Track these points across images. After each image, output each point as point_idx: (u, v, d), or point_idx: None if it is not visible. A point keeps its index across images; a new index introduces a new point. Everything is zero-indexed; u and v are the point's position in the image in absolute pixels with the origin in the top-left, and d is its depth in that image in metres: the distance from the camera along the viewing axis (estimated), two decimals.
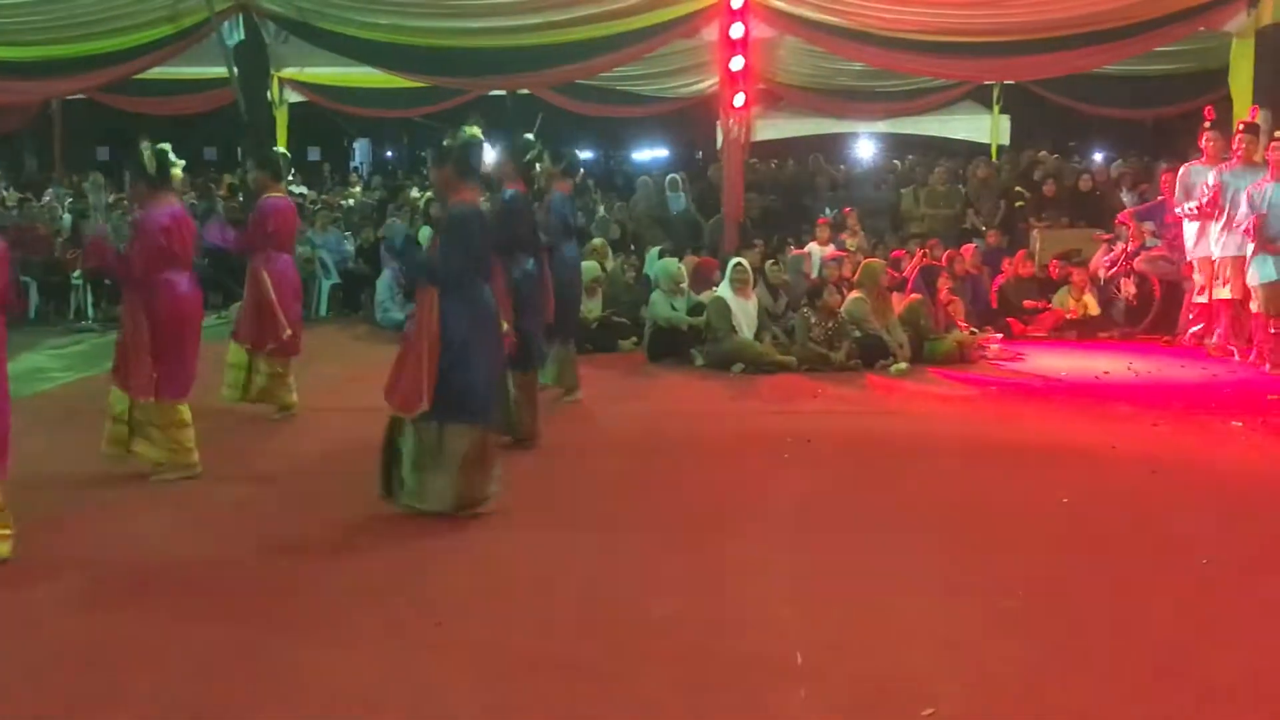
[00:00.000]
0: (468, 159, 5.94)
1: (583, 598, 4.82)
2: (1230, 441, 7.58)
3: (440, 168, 5.98)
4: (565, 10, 12.98)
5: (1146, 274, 12.02)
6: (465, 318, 5.78)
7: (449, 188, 5.97)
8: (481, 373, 5.84)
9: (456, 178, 5.92)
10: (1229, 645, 4.27)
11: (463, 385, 5.76)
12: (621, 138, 28.69)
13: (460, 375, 5.75)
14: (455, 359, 5.74)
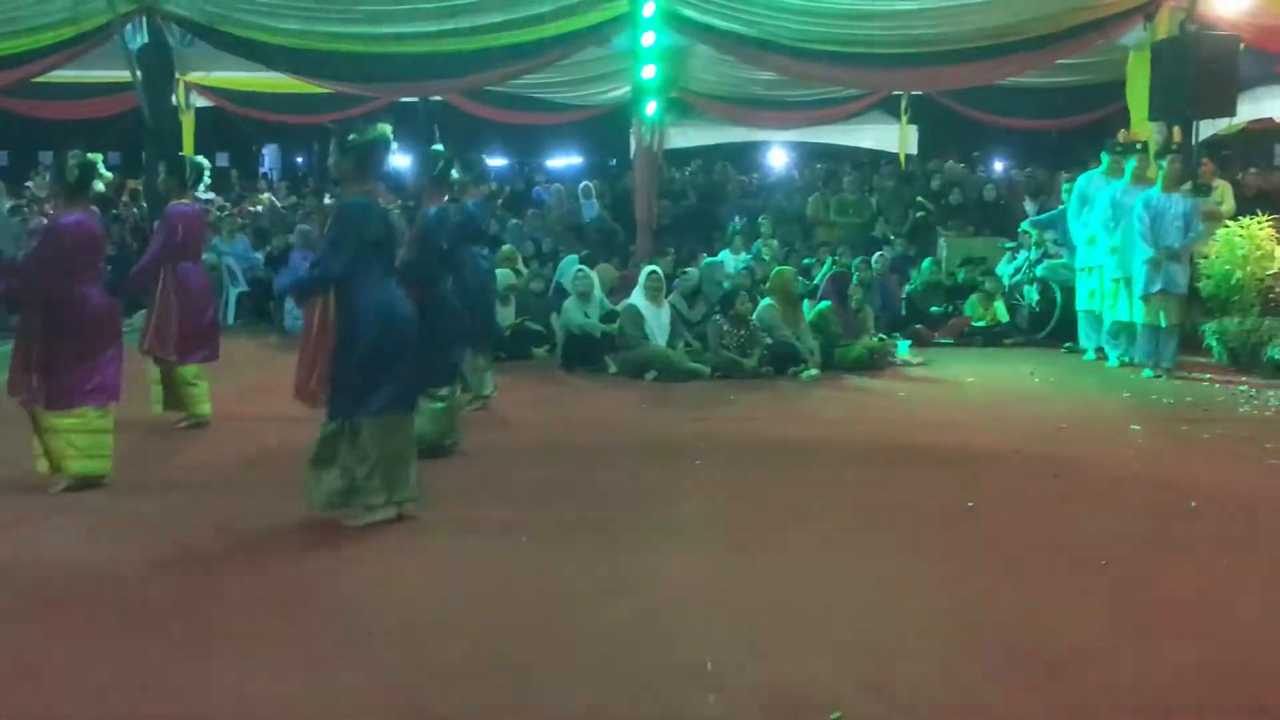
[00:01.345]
0: (370, 156, 5.87)
1: (497, 606, 4.80)
2: (1130, 445, 7.78)
3: (342, 162, 5.91)
4: (477, 17, 12.94)
5: (1048, 282, 12.29)
6: (371, 311, 5.72)
7: (348, 181, 5.92)
8: (392, 366, 5.78)
9: (356, 172, 5.85)
10: (1127, 644, 4.38)
11: (373, 380, 5.71)
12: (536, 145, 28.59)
13: (371, 370, 5.70)
14: (362, 353, 5.68)
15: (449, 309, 7.42)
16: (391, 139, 5.99)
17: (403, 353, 5.89)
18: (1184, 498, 6.30)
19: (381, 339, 5.75)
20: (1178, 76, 11.39)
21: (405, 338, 5.91)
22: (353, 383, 5.70)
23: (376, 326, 5.74)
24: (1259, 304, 10.65)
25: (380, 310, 5.78)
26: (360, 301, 5.71)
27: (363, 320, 5.71)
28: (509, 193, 18.00)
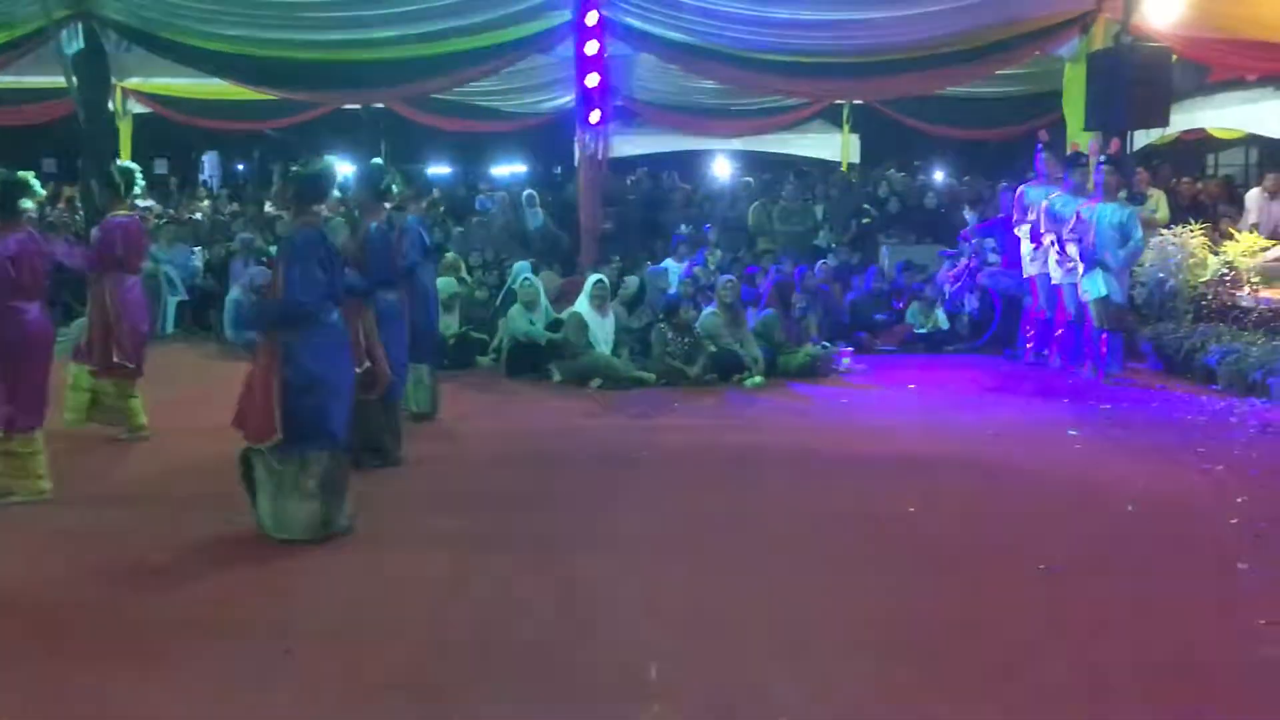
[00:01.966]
0: (312, 186, 5.87)
1: (436, 618, 4.78)
2: (1066, 449, 7.89)
3: (285, 190, 5.92)
4: (420, 24, 12.88)
5: (988, 289, 12.44)
6: (314, 344, 5.71)
7: (291, 209, 5.94)
8: (333, 398, 5.78)
9: (298, 202, 5.87)
10: (1064, 647, 4.45)
11: (315, 412, 5.70)
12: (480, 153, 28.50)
13: (311, 402, 5.68)
14: (306, 386, 5.67)
15: (391, 324, 7.40)
16: (335, 171, 6.00)
17: (346, 382, 5.91)
18: (1120, 501, 6.40)
19: (328, 374, 5.75)
20: (1112, 87, 11.57)
21: (348, 367, 5.94)
22: (304, 416, 5.67)
23: (324, 360, 5.74)
24: (1192, 311, 10.85)
25: (327, 344, 5.78)
26: (307, 335, 5.69)
27: (311, 355, 5.70)
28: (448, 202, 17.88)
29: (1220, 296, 10.71)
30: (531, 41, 13.17)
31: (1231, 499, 6.40)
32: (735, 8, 12.23)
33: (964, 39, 12.61)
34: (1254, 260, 10.93)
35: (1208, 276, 10.90)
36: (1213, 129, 18.11)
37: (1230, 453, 7.51)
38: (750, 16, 12.26)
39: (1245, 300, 10.43)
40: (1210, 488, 6.71)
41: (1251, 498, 6.41)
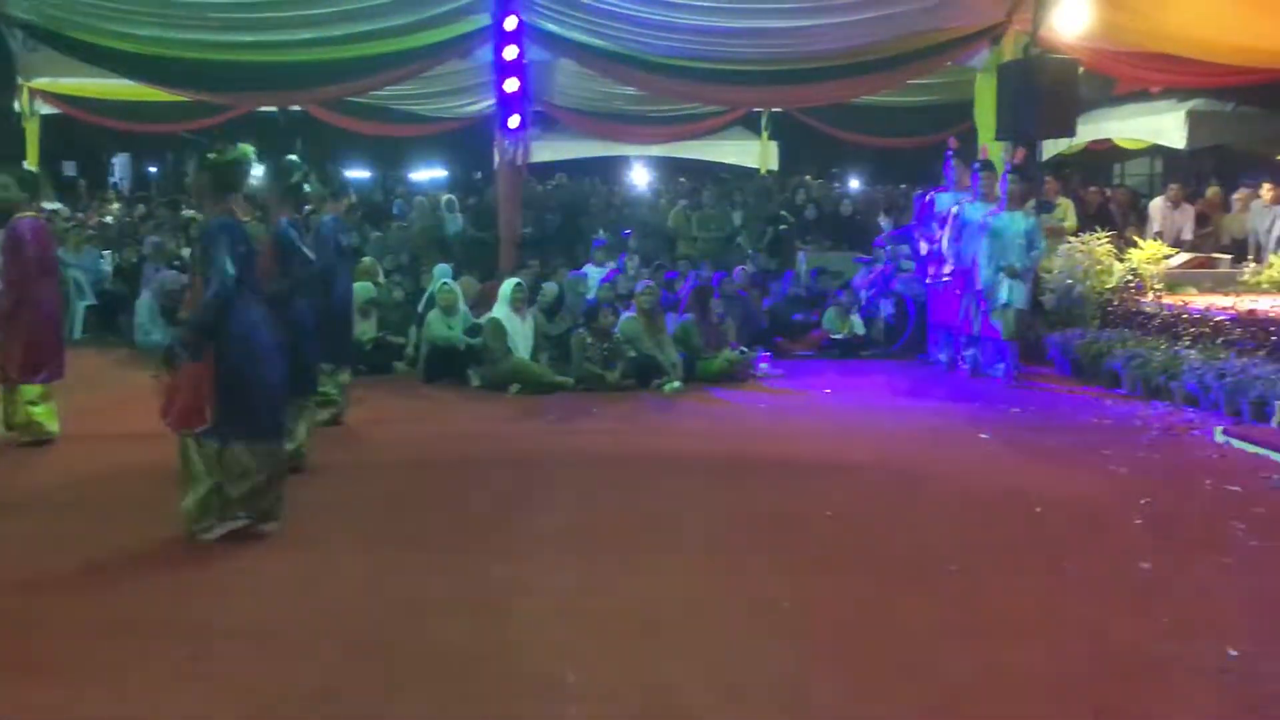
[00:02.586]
0: (228, 175, 5.79)
1: (349, 623, 4.74)
2: (978, 452, 8.05)
3: (199, 179, 5.82)
4: (336, 27, 12.77)
5: (902, 295, 12.63)
6: (240, 332, 5.63)
7: (206, 199, 5.84)
8: (261, 387, 5.71)
9: (213, 191, 5.78)
10: (975, 646, 4.53)
11: (244, 402, 5.63)
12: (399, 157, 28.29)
13: (241, 392, 5.61)
14: (232, 375, 5.59)
15: (304, 324, 7.30)
16: (252, 158, 5.91)
17: (276, 373, 5.84)
18: (1030, 503, 6.53)
19: (255, 360, 5.69)
20: (1022, 98, 11.82)
21: (276, 357, 5.87)
22: (232, 405, 5.60)
23: (250, 348, 5.67)
24: (1099, 316, 11.12)
25: (252, 331, 5.72)
26: (231, 323, 5.62)
27: (235, 342, 5.63)
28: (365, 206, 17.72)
29: (1125, 302, 10.99)
30: (449, 46, 13.12)
31: (1136, 500, 6.57)
32: (654, 14, 12.29)
33: (878, 49, 12.80)
34: (1158, 268, 11.24)
35: (1113, 283, 11.19)
36: (1119, 139, 18.58)
37: (1134, 455, 7.71)
38: (669, 23, 12.34)
39: (1149, 306, 10.72)
40: (1116, 489, 6.88)
41: (1155, 499, 6.59)
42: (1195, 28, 11.65)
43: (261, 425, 5.74)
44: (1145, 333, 10.48)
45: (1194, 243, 13.56)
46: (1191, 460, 7.57)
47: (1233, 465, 7.39)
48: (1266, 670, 4.24)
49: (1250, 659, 4.33)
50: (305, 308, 7.34)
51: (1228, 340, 9.44)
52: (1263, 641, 4.49)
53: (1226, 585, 5.20)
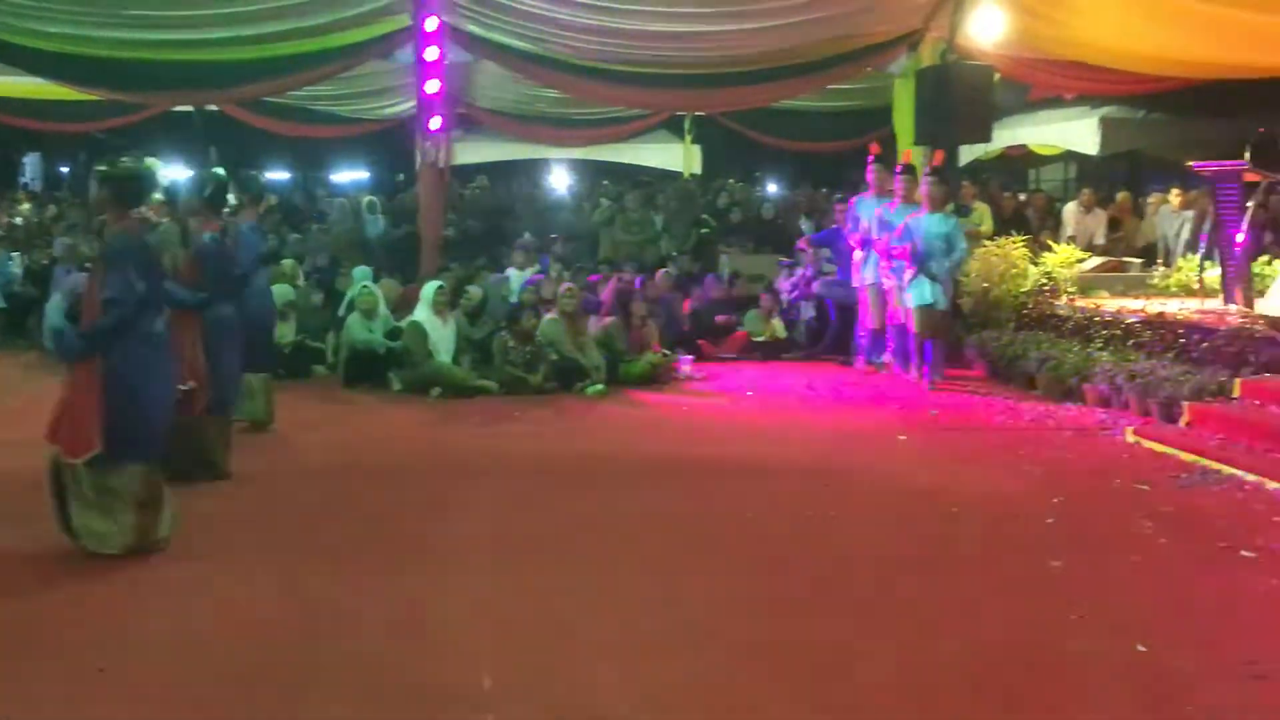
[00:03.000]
0: (128, 188, 5.69)
1: (265, 634, 4.66)
2: (897, 453, 8.15)
3: (100, 192, 5.70)
4: (254, 26, 12.57)
5: (823, 298, 12.74)
6: (134, 354, 5.52)
7: (107, 213, 5.74)
8: (152, 410, 5.62)
9: (114, 204, 5.68)
10: (892, 645, 4.58)
11: (133, 424, 5.52)
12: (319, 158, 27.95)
13: (130, 413, 5.50)
14: (125, 397, 5.48)
15: (227, 337, 7.22)
16: (156, 171, 5.81)
17: (165, 397, 5.73)
18: (946, 503, 6.63)
19: (146, 384, 5.58)
20: (939, 103, 12.01)
21: (169, 379, 5.77)
22: (124, 428, 5.49)
23: (142, 370, 5.56)
24: (1014, 319, 11.31)
25: (149, 353, 5.60)
26: (128, 344, 5.50)
27: (129, 363, 5.51)
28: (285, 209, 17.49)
29: (1040, 306, 11.20)
30: (369, 47, 12.98)
31: (1049, 499, 6.69)
32: (577, 17, 12.27)
33: (798, 54, 12.91)
34: (1071, 271, 11.47)
35: (1028, 286, 11.39)
36: (1034, 145, 18.91)
37: (1048, 455, 7.85)
38: (592, 26, 12.33)
39: (1063, 309, 10.93)
40: (1029, 489, 7.00)
41: (1066, 498, 6.71)
42: (1106, 37, 11.91)
43: (148, 446, 5.62)
44: (1059, 335, 10.68)
45: (1106, 247, 13.85)
46: (1103, 460, 7.73)
47: (1142, 465, 7.56)
48: (1174, 665, 4.34)
49: (1158, 653, 4.43)
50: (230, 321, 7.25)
51: (1138, 342, 9.66)
52: (1170, 637, 4.60)
53: (1135, 582, 5.32)
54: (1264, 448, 7.39)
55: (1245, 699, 4.06)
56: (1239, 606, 4.99)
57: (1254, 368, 8.50)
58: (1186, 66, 12.52)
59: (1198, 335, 9.17)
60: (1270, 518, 6.25)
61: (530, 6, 12.17)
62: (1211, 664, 4.34)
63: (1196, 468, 7.34)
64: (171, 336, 5.98)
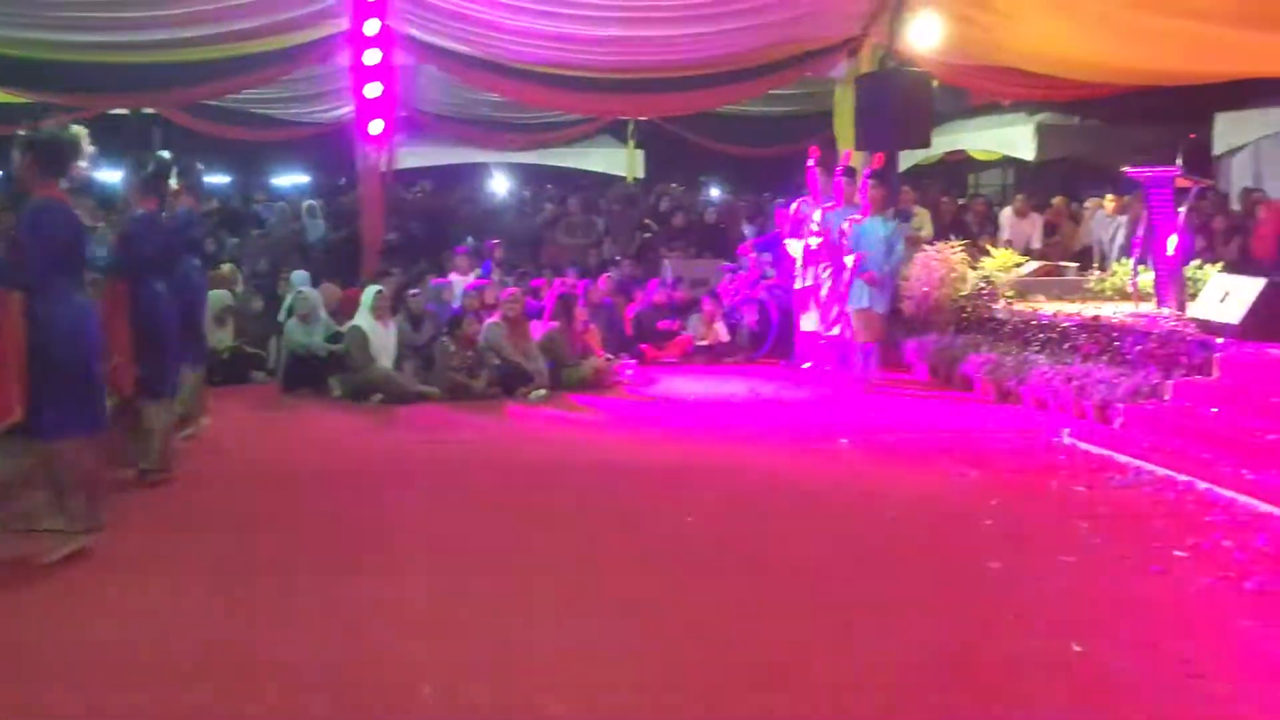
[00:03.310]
0: (54, 154, 5.54)
1: (196, 644, 4.57)
2: (837, 457, 8.20)
3: (24, 159, 5.53)
4: (190, 28, 12.40)
5: (765, 302, 12.80)
6: (56, 322, 5.39)
7: (31, 181, 5.55)
8: (78, 383, 5.48)
9: (39, 172, 5.51)
10: (827, 646, 4.61)
11: (57, 396, 5.38)
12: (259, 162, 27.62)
13: (54, 385, 5.36)
14: (47, 367, 5.34)
15: (160, 315, 7.07)
16: (82, 143, 5.66)
17: (95, 367, 5.61)
18: (885, 506, 6.68)
19: (74, 353, 5.45)
20: (878, 109, 12.12)
21: (96, 351, 5.63)
22: (49, 401, 5.36)
23: (68, 340, 5.43)
24: (954, 322, 11.43)
25: (71, 323, 5.47)
26: (51, 313, 5.37)
27: (55, 333, 5.39)
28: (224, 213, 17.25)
29: (979, 309, 11.32)
30: (308, 50, 12.87)
31: (986, 502, 6.75)
32: (518, 21, 12.26)
33: (739, 59, 12.97)
34: (1009, 275, 11.61)
35: (968, 290, 11.51)
36: (972, 150, 19.16)
37: (985, 457, 7.92)
38: (534, 30, 12.31)
39: (1001, 313, 11.05)
40: (967, 491, 7.07)
41: (1004, 500, 6.79)
42: (1041, 44, 12.09)
43: (77, 419, 5.48)
44: (997, 338, 10.80)
45: (1042, 251, 14.04)
46: (1039, 462, 7.81)
47: (1078, 466, 7.65)
48: (1110, 664, 4.39)
49: (1095, 653, 4.48)
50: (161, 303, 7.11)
51: (1074, 345, 9.80)
52: (1106, 636, 4.65)
53: (1071, 583, 5.37)
54: (1195, 449, 7.50)
55: (1181, 698, 4.12)
56: (1173, 605, 5.07)
57: (1186, 370, 8.64)
58: (1118, 73, 12.76)
59: (1132, 339, 9.31)
60: (1202, 517, 6.35)
61: (472, 10, 12.13)
62: (1147, 663, 4.40)
63: (1131, 469, 7.45)
64: (99, 310, 5.87)
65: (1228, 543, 5.85)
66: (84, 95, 13.79)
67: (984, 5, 11.80)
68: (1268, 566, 5.48)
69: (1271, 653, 4.49)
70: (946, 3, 11.88)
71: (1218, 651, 4.49)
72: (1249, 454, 7.10)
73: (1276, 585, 5.22)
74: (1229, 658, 4.44)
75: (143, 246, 6.99)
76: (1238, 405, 7.78)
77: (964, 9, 11.90)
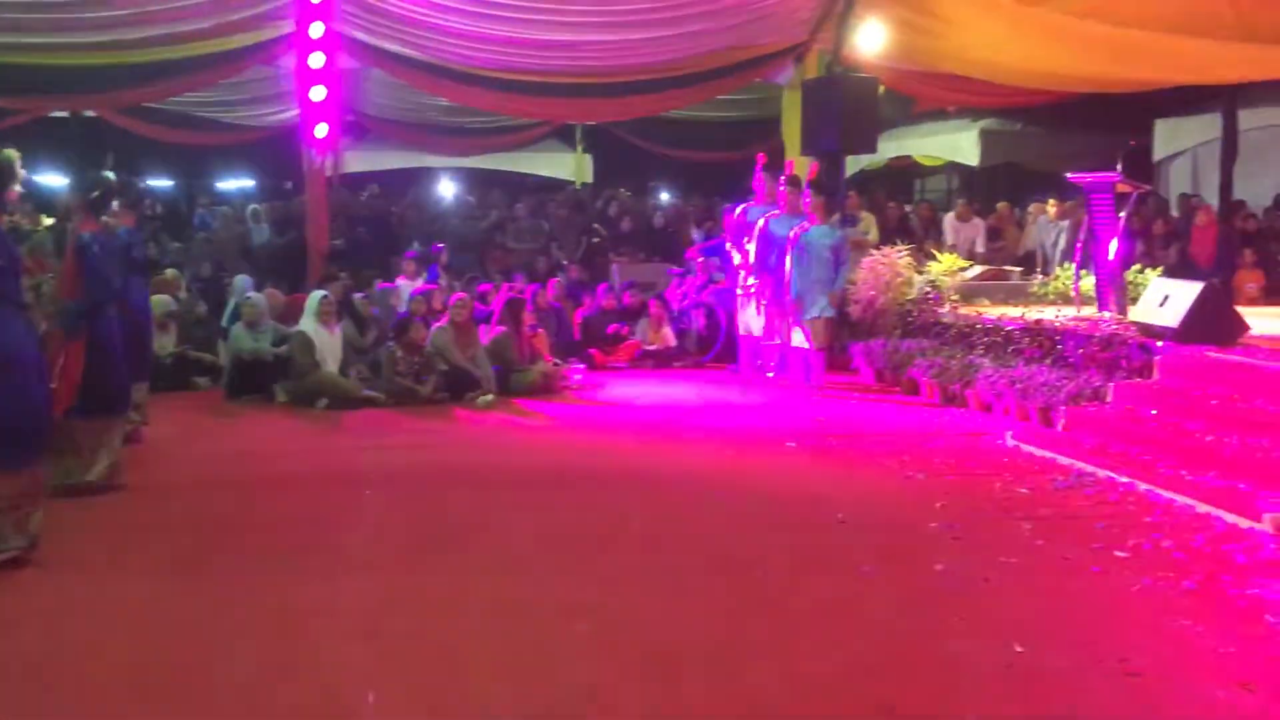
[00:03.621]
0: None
1: (138, 653, 4.51)
2: (784, 460, 8.23)
3: None
4: (132, 30, 12.24)
5: (713, 306, 12.83)
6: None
7: None
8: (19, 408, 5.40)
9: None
10: (773, 650, 4.62)
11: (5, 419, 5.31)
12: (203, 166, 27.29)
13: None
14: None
15: (111, 339, 7.01)
16: (15, 165, 5.60)
17: (31, 390, 5.51)
18: (832, 509, 6.69)
19: (8, 377, 5.36)
20: (825, 114, 12.20)
21: (33, 374, 5.55)
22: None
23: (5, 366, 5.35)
24: (900, 326, 11.52)
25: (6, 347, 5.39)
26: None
27: None
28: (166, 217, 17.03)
29: (924, 313, 11.42)
30: (253, 52, 12.75)
31: (932, 504, 6.80)
32: (465, 25, 12.21)
33: (687, 64, 13.01)
34: (954, 280, 11.72)
35: (914, 294, 11.60)
36: (918, 156, 19.34)
37: (932, 460, 7.99)
38: (482, 34, 12.27)
39: (946, 317, 11.16)
40: (913, 494, 7.12)
41: (949, 503, 6.84)
42: (985, 51, 12.24)
43: (18, 448, 5.42)
44: (943, 342, 10.90)
45: (986, 256, 14.19)
46: (984, 465, 7.88)
47: (1022, 469, 7.73)
48: (1049, 665, 4.43)
49: (1035, 654, 4.51)
50: (113, 324, 7.05)
51: (1017, 349, 9.91)
52: (1047, 637, 4.69)
53: (1014, 584, 5.42)
54: (1136, 451, 7.61)
55: (1119, 696, 4.16)
56: (1113, 606, 5.13)
57: (1127, 373, 8.76)
58: (1061, 80, 12.93)
59: (1074, 342, 9.43)
60: (1142, 518, 6.44)
61: (419, 14, 12.06)
62: (1087, 663, 4.44)
63: (1073, 470, 7.53)
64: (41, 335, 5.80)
65: (1167, 543, 5.93)
66: (23, 98, 13.59)
67: (929, 12, 11.93)
68: (1205, 566, 5.57)
69: (1207, 650, 4.55)
70: (892, 9, 11.99)
71: (1155, 650, 4.55)
72: (1188, 455, 7.21)
73: (1214, 584, 5.31)
74: (1166, 656, 4.49)
75: (91, 271, 6.91)
76: (1177, 407, 7.90)
77: (909, 15, 12.01)
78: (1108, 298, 10.09)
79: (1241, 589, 5.22)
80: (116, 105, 15.18)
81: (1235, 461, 6.87)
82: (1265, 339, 8.74)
